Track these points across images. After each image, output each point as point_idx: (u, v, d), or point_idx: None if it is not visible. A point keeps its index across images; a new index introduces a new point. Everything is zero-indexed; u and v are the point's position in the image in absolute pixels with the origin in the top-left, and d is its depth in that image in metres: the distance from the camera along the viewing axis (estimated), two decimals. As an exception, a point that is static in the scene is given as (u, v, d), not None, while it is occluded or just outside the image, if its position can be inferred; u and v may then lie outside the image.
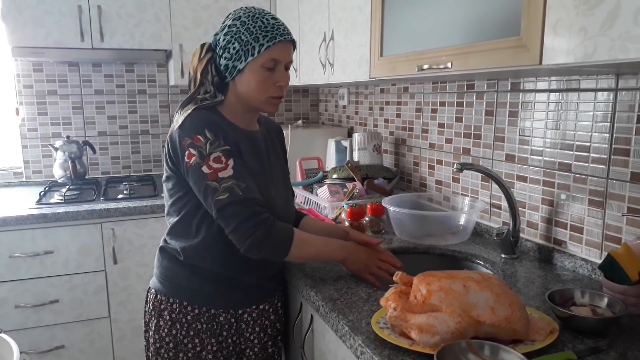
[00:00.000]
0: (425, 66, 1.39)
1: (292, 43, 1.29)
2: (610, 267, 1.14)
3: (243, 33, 1.22)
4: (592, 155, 1.34)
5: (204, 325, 1.32)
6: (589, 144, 1.35)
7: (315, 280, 1.35)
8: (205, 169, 1.19)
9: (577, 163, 1.39)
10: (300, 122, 2.99)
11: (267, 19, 1.24)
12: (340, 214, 1.89)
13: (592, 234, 1.36)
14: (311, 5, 2.27)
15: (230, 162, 1.20)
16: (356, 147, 2.24)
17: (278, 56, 1.24)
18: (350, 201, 1.88)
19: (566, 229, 1.44)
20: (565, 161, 1.43)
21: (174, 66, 2.58)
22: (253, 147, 1.33)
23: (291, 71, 2.52)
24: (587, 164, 1.36)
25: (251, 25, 1.22)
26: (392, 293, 1.05)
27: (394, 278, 1.08)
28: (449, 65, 1.30)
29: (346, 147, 2.44)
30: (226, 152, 1.21)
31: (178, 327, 1.32)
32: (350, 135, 2.70)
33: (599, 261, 1.31)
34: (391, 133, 2.33)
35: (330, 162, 2.53)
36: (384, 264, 1.35)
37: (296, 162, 2.36)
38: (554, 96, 1.45)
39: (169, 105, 2.96)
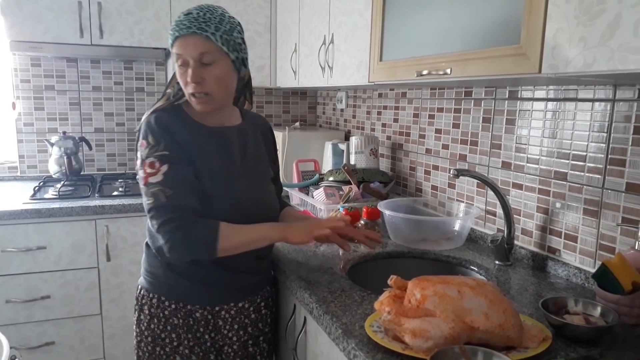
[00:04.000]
0: (425, 72, 1.39)
1: (195, 35, 1.20)
2: (604, 277, 1.15)
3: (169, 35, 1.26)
4: (588, 164, 1.35)
5: (181, 321, 1.34)
6: (585, 153, 1.36)
7: (310, 282, 1.35)
8: (141, 173, 1.23)
9: (573, 172, 1.40)
10: (297, 124, 2.99)
11: (179, 16, 1.24)
12: (335, 216, 1.89)
13: (586, 243, 1.37)
14: (312, 8, 2.27)
15: (164, 167, 1.21)
16: (353, 150, 2.25)
17: (179, 51, 1.22)
18: (346, 204, 1.88)
19: (560, 237, 1.45)
20: (561, 170, 1.43)
21: (173, 65, 2.57)
22: (220, 144, 1.32)
23: (289, 73, 2.54)
24: (582, 173, 1.37)
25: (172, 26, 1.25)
26: (386, 297, 1.05)
27: (389, 282, 1.08)
28: (448, 71, 1.31)
29: (343, 150, 2.44)
30: (162, 158, 1.22)
31: (156, 321, 1.34)
32: (347, 138, 2.70)
33: (593, 270, 1.32)
34: (388, 137, 2.34)
35: (327, 164, 2.53)
36: (345, 229, 1.33)
37: (293, 164, 2.36)
38: (551, 105, 1.46)
39: (167, 103, 2.95)
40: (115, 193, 2.41)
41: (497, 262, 1.53)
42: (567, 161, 1.41)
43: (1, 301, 2.15)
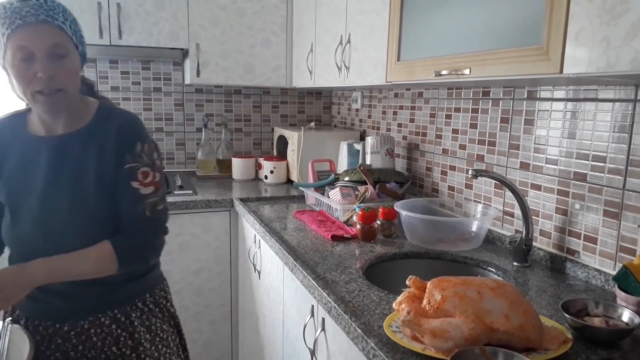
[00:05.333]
0: (444, 72, 1.39)
1: (47, 24, 1.07)
2: (625, 279, 1.14)
3: None
4: (608, 165, 1.34)
5: None
6: (605, 154, 1.34)
7: (327, 282, 1.35)
8: None
9: (592, 173, 1.38)
10: (312, 124, 2.99)
11: (10, 3, 1.06)
12: (351, 216, 1.90)
13: (606, 245, 1.36)
14: (328, 8, 2.28)
15: None
16: (369, 150, 2.25)
17: (25, 42, 1.05)
18: (362, 204, 1.88)
19: (580, 239, 1.44)
20: (580, 171, 1.42)
21: (190, 65, 2.60)
22: (34, 157, 1.20)
23: (305, 73, 2.54)
24: (602, 174, 1.35)
25: None
26: (405, 297, 1.06)
27: (408, 282, 1.08)
28: (468, 71, 1.30)
29: (358, 150, 2.45)
30: None
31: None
32: (362, 138, 2.70)
33: (613, 272, 1.31)
34: (404, 137, 2.33)
35: (342, 164, 2.53)
36: None
37: (308, 164, 2.37)
38: (570, 105, 1.45)
39: (184, 103, 2.98)
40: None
41: (515, 263, 1.52)
42: (587, 162, 1.40)
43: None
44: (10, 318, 1.24)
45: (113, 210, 1.20)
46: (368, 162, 2.24)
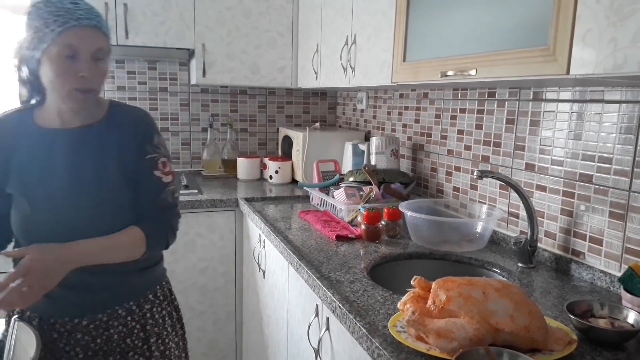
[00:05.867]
0: (450, 72, 1.39)
1: (96, 29, 1.15)
2: (631, 280, 1.14)
3: (35, 19, 1.13)
4: (614, 167, 1.33)
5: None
6: (611, 155, 1.34)
7: (332, 281, 1.36)
8: None
9: (598, 174, 1.38)
10: (317, 124, 3.00)
11: (62, 3, 1.13)
12: (356, 216, 1.90)
13: (611, 246, 1.35)
14: (334, 9, 2.28)
15: None
16: (374, 151, 2.25)
17: (75, 42, 1.12)
18: (367, 204, 1.88)
19: (585, 240, 1.43)
20: (586, 172, 1.42)
21: (196, 65, 2.61)
22: (49, 150, 1.23)
23: (311, 74, 2.55)
24: (608, 176, 1.35)
25: (44, 10, 1.12)
26: (410, 297, 1.06)
27: (412, 282, 1.08)
28: (474, 72, 1.30)
29: (363, 151, 2.45)
30: None
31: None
32: (367, 139, 2.70)
33: (618, 274, 1.30)
34: (409, 138, 2.33)
35: (347, 165, 2.54)
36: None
37: (313, 164, 2.37)
38: (576, 106, 1.45)
39: (189, 103, 2.99)
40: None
41: (519, 264, 1.52)
42: (593, 163, 1.40)
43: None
44: (16, 315, 1.25)
45: (132, 198, 1.26)
46: (373, 162, 2.24)
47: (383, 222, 1.76)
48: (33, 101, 1.27)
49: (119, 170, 1.24)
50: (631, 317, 1.07)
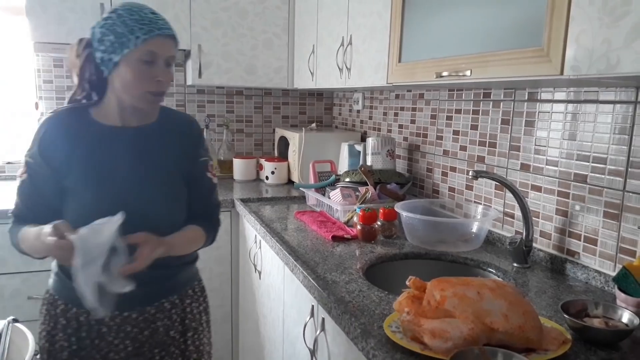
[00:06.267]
0: (445, 73, 1.39)
1: (172, 39, 1.25)
2: (625, 280, 1.14)
3: (119, 25, 1.20)
4: (608, 167, 1.34)
5: (65, 322, 1.29)
6: (606, 155, 1.35)
7: (327, 282, 1.36)
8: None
9: (593, 174, 1.39)
10: (313, 125, 3.00)
11: (144, 13, 1.22)
12: (352, 217, 1.90)
13: (606, 246, 1.36)
14: (330, 10, 2.28)
15: (24, 175, 1.27)
16: (370, 151, 2.25)
17: (156, 49, 1.21)
18: (363, 205, 1.88)
19: (580, 240, 1.44)
20: (581, 172, 1.42)
21: (192, 66, 2.60)
22: (111, 145, 1.28)
23: (307, 74, 2.55)
24: (603, 176, 1.36)
25: (127, 18, 1.20)
26: (405, 297, 1.06)
27: (407, 283, 1.08)
28: (468, 73, 1.31)
29: (359, 152, 2.45)
30: (25, 164, 1.26)
31: (48, 318, 1.32)
32: (363, 139, 2.70)
33: (613, 273, 1.31)
34: (405, 139, 2.34)
35: (343, 165, 2.54)
36: None
37: (309, 165, 2.37)
38: (571, 107, 1.45)
39: (185, 104, 2.98)
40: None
41: (515, 264, 1.53)
42: (587, 163, 1.40)
43: (23, 297, 2.19)
44: (11, 317, 1.25)
45: (186, 195, 1.35)
46: (369, 163, 2.25)
47: (379, 223, 1.77)
48: (84, 100, 1.31)
49: (177, 168, 1.33)
50: (625, 317, 1.08)
